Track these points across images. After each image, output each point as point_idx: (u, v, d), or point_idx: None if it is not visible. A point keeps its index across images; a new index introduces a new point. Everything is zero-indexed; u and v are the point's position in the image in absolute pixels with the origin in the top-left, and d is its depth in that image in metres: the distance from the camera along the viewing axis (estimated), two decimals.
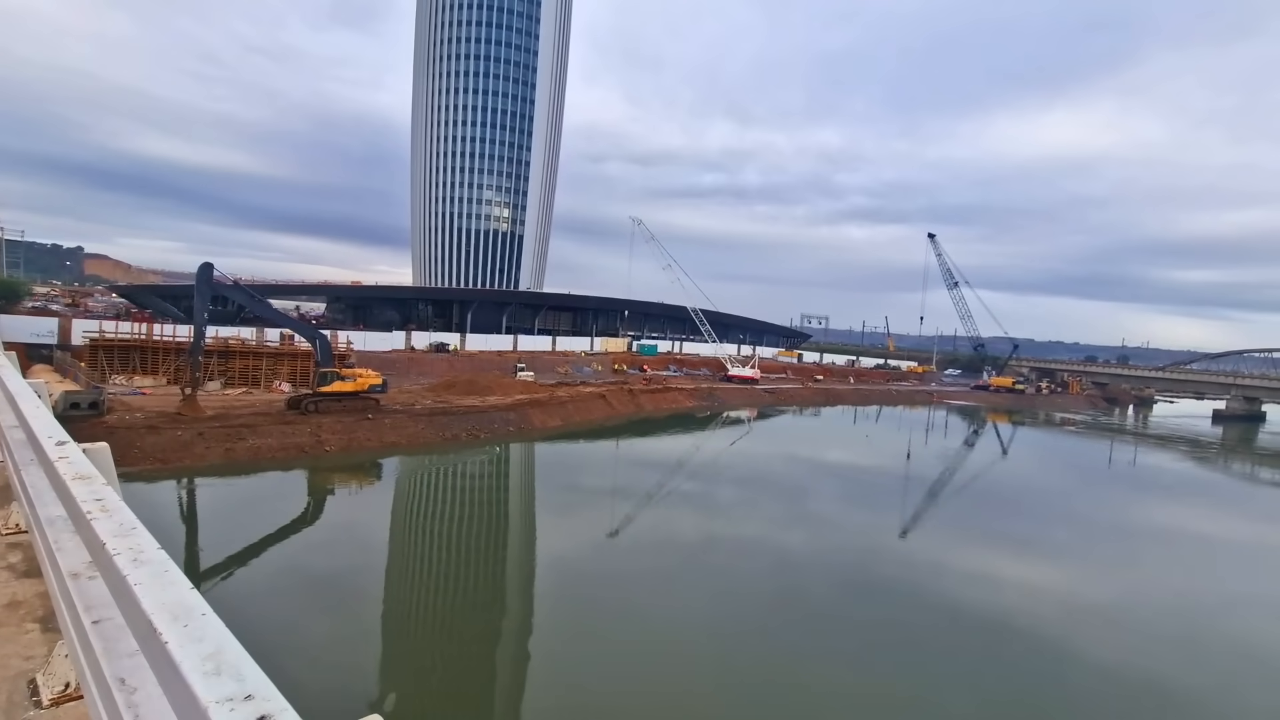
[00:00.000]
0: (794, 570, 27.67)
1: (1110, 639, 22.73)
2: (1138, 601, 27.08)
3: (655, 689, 17.83)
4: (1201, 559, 34.66)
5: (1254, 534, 41.34)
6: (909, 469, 53.55)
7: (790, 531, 33.19)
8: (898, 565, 29.40)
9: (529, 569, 27.29)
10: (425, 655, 19.99)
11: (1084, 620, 24.15)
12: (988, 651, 21.26)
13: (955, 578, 27.98)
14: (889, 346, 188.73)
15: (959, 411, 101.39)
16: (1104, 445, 77.93)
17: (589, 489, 40.09)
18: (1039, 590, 27.04)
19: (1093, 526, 39.51)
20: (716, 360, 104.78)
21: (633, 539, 30.69)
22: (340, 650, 18.84)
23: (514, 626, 21.92)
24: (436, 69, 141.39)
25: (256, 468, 36.65)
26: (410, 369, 70.05)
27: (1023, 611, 24.43)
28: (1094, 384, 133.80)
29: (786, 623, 22.44)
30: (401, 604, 23.27)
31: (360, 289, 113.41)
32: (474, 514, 34.83)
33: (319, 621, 20.42)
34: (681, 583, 25.50)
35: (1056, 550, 33.39)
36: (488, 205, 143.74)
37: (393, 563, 27.34)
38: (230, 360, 55.65)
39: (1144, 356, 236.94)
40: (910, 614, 23.63)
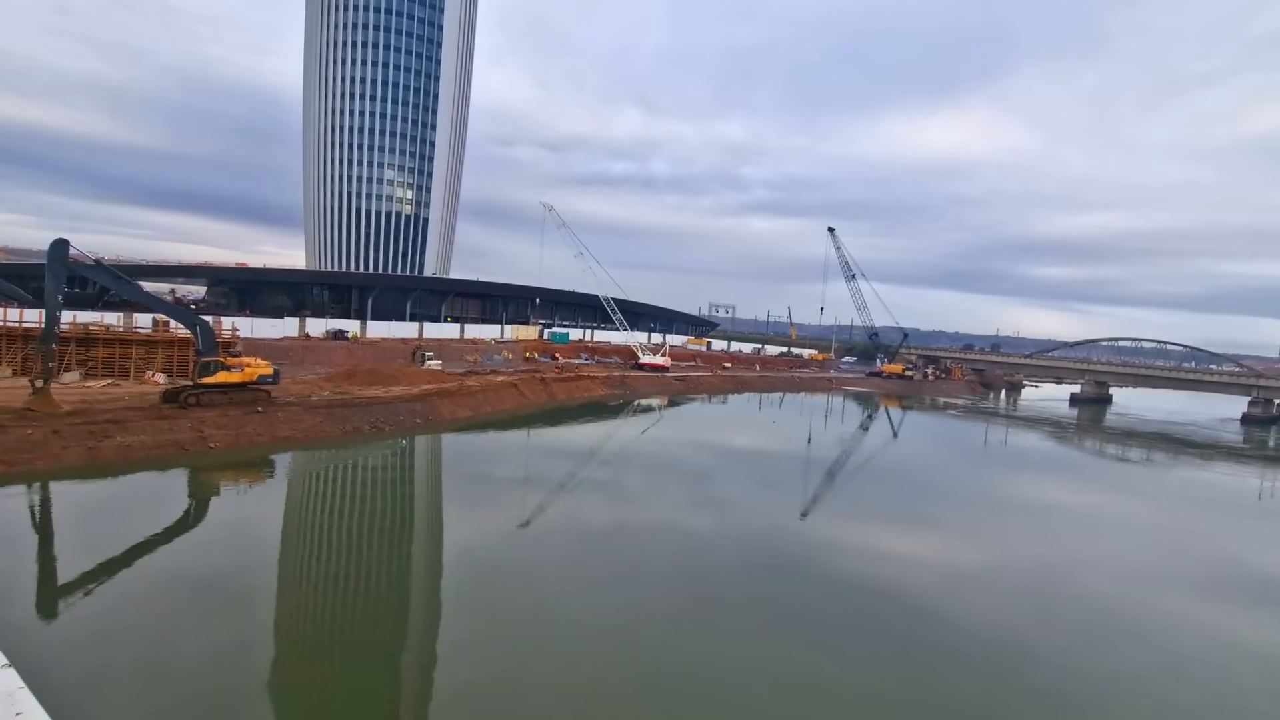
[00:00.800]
0: (701, 553, 28.47)
1: (978, 601, 25.22)
2: (1002, 567, 30.13)
3: (565, 678, 17.76)
4: (1057, 527, 38.54)
5: (1100, 503, 46.41)
6: (811, 453, 56.13)
7: (699, 516, 34.01)
8: (797, 544, 31.09)
9: (436, 565, 26.46)
10: (323, 661, 18.79)
11: (957, 586, 26.70)
12: (875, 620, 22.90)
13: (847, 553, 30.08)
14: (791, 335, 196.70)
15: (856, 397, 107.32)
16: (981, 427, 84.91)
17: (500, 480, 39.21)
18: (920, 561, 29.50)
19: (969, 501, 43.47)
20: (628, 348, 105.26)
21: (544, 529, 30.45)
22: (226, 663, 17.33)
23: (420, 623, 21.21)
24: (332, 38, 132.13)
25: (127, 468, 33.10)
26: (305, 358, 65.78)
27: (905, 581, 26.62)
28: (973, 370, 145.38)
29: (693, 604, 23.04)
30: (297, 609, 21.78)
31: (247, 271, 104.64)
32: (378, 511, 33.03)
33: (201, 633, 18.72)
34: (592, 570, 25.65)
35: (937, 524, 36.45)
36: (389, 185, 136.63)
37: (288, 566, 25.55)
38: (92, 348, 49.98)
39: (1014, 345, 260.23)
40: (805, 589, 25.30)
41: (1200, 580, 30.37)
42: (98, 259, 41.15)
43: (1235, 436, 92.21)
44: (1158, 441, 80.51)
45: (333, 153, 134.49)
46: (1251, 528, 42.36)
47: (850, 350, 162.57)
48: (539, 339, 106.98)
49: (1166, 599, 27.65)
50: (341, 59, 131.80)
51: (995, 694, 18.99)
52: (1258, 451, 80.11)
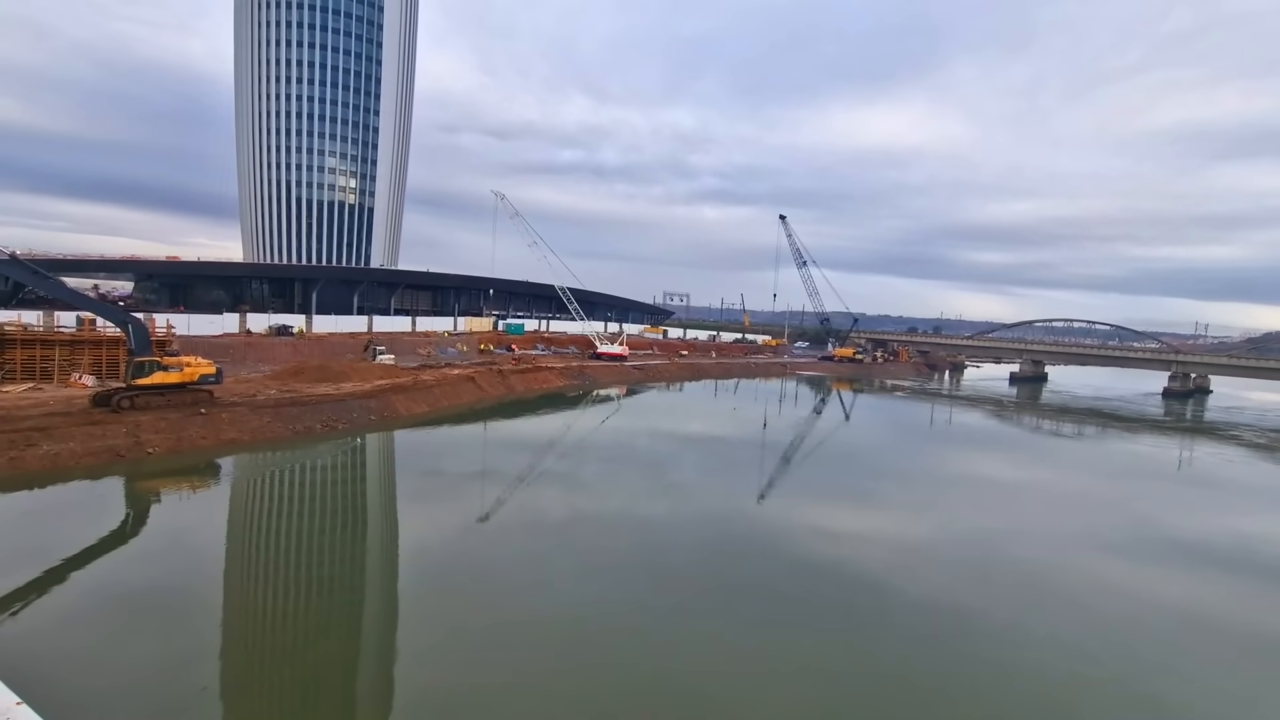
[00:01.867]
0: (661, 541, 28.94)
1: (924, 573, 26.55)
2: (946, 539, 31.66)
3: (526, 675, 17.63)
4: (997, 499, 40.69)
5: (1036, 476, 48.85)
6: (767, 438, 56.92)
7: (659, 504, 34.40)
8: (754, 527, 32.09)
9: (393, 565, 25.90)
10: (276, 671, 18.09)
11: (904, 559, 28.28)
12: (828, 596, 23.91)
13: (802, 533, 31.15)
14: (745, 322, 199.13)
15: (809, 381, 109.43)
16: (927, 407, 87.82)
17: (459, 476, 38.30)
18: (870, 537, 30.92)
19: (916, 479, 45.30)
20: (585, 338, 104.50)
21: (503, 523, 30.13)
22: (169, 678, 16.41)
23: (377, 626, 20.84)
24: (264, 17, 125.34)
25: (55, 478, 30.87)
26: (247, 355, 62.84)
27: (856, 557, 27.82)
28: (919, 352, 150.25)
29: (653, 592, 23.44)
30: (246, 618, 20.72)
31: (178, 265, 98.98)
32: (332, 512, 31.72)
33: (141, 648, 17.71)
34: (552, 564, 25.62)
35: (886, 502, 38.18)
36: (331, 174, 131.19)
37: (237, 574, 24.42)
38: (8, 350, 46.36)
39: (954, 327, 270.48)
40: (762, 570, 26.20)
41: (1126, 544, 32.40)
42: (11, 253, 38.03)
43: (1157, 410, 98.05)
44: (1089, 416, 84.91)
45: (269, 139, 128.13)
46: (1172, 494, 45.42)
47: (803, 335, 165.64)
48: (493, 330, 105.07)
49: (1096, 563, 29.40)
50: (275, 40, 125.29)
51: (942, 661, 19.91)
52: (1176, 424, 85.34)
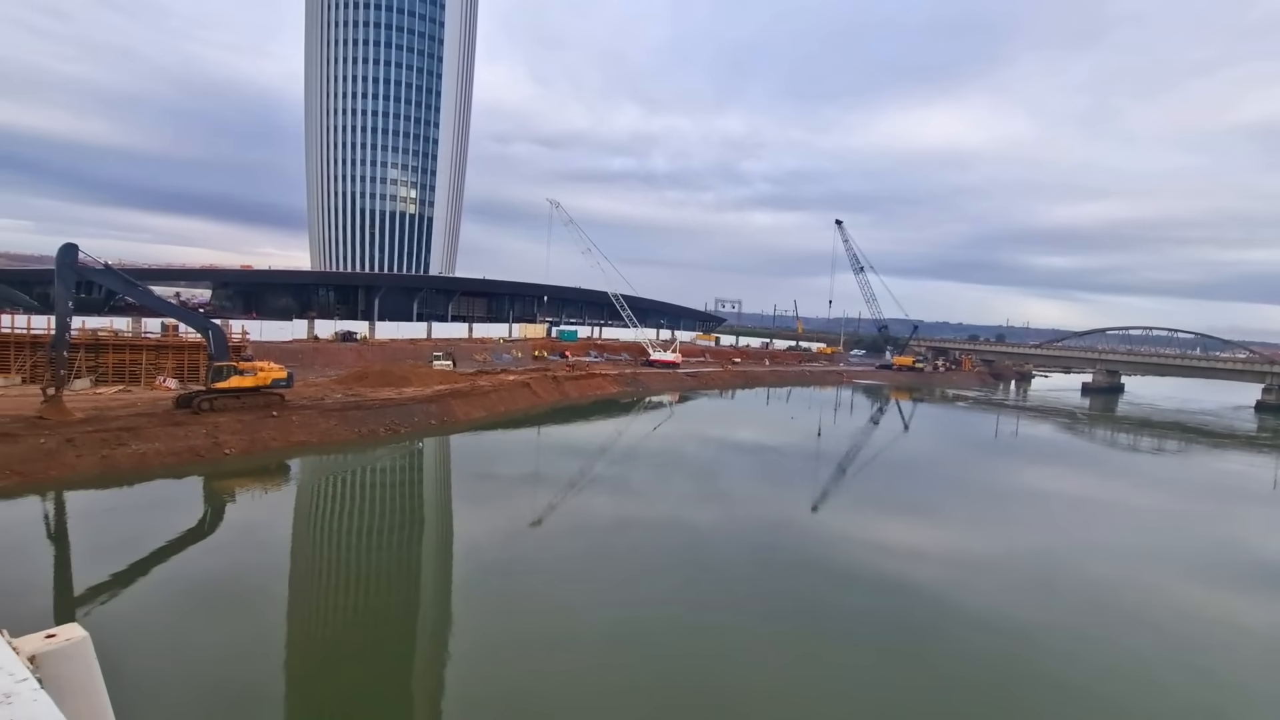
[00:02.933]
0: (713, 548, 28.32)
1: (987, 590, 25.27)
2: (1011, 556, 29.95)
3: (574, 676, 17.59)
4: (1068, 516, 38.11)
5: (1112, 492, 45.69)
6: (823, 447, 55.44)
7: (712, 511, 33.84)
8: (807, 537, 31.12)
9: (449, 564, 26.35)
10: (336, 660, 18.67)
11: (966, 576, 26.54)
12: (884, 610, 22.85)
13: (857, 545, 30.00)
14: (798, 329, 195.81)
15: (866, 390, 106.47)
16: (992, 418, 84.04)
17: (513, 480, 38.63)
18: (930, 552, 29.42)
19: (979, 492, 43.30)
20: (637, 345, 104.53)
21: (555, 527, 30.18)
22: (240, 665, 17.36)
23: (431, 621, 21.37)
24: (331, 35, 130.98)
25: (142, 476, 32.48)
26: (315, 360, 65.17)
27: (915, 572, 26.41)
28: (982, 361, 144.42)
29: (703, 599, 23.03)
30: (312, 611, 21.66)
31: (252, 274, 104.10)
32: (393, 512, 32.46)
33: (216, 636, 18.58)
34: (604, 568, 25.62)
35: (948, 516, 36.34)
36: (393, 185, 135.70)
37: (306, 570, 25.21)
38: (102, 354, 49.34)
39: (1019, 335, 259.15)
40: (814, 581, 25.31)
41: (1209, 567, 29.98)
42: (105, 263, 40.44)
43: (1250, 424, 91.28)
44: (1171, 431, 79.60)
45: (336, 153, 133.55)
46: (1267, 517, 41.84)
47: (859, 343, 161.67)
48: (547, 337, 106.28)
49: (1173, 585, 27.45)
50: (342, 58, 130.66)
51: (1004, 681, 18.90)
52: (1274, 440, 79.12)
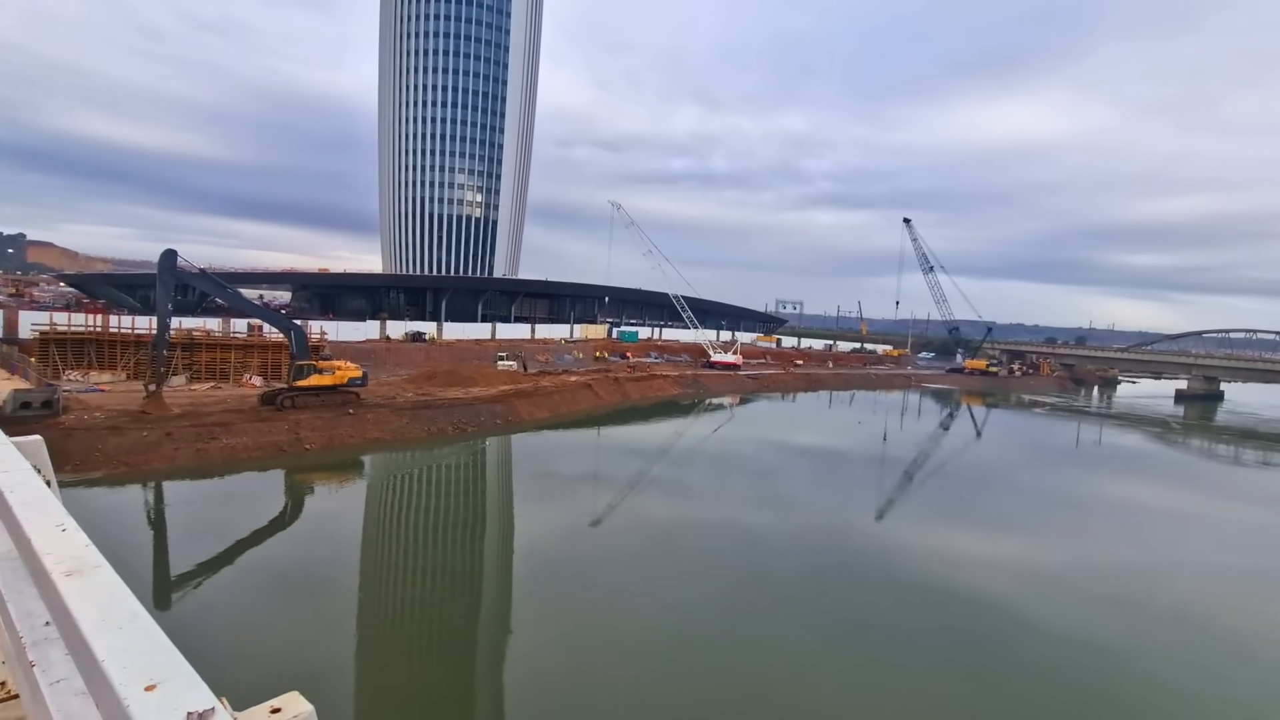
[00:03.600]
0: (773, 555, 27.67)
1: (1060, 605, 23.90)
2: (1090, 571, 28.12)
3: (630, 675, 17.79)
4: (1155, 530, 35.74)
5: (1206, 508, 42.26)
6: (889, 453, 53.46)
7: (772, 516, 33.16)
8: (871, 545, 30.08)
9: (510, 561, 26.85)
10: (400, 648, 19.64)
11: (1039, 589, 25.27)
12: (950, 623, 21.91)
13: (922, 555, 28.66)
14: (863, 331, 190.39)
15: (936, 395, 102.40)
16: (1073, 425, 79.18)
17: (575, 479, 38.93)
18: (1000, 564, 28.02)
19: (1057, 504, 40.61)
20: (698, 346, 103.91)
21: (615, 527, 30.30)
22: (314, 645, 18.44)
23: (492, 615, 21.97)
24: (404, 47, 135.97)
25: (231, 469, 34.38)
26: (387, 360, 67.57)
27: (984, 585, 25.24)
28: (1062, 365, 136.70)
29: (761, 605, 22.74)
30: (376, 599, 22.81)
31: (329, 277, 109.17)
32: (459, 509, 33.23)
33: (293, 619, 19.91)
34: (660, 569, 25.48)
35: (1022, 528, 34.55)
36: (460, 189, 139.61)
37: (376, 562, 26.28)
38: (195, 353, 52.61)
39: (1102, 338, 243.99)
40: (877, 590, 24.33)
41: None
42: (201, 268, 43.05)
43: None
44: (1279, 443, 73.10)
45: (406, 159, 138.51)
46: None
47: (927, 345, 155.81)
48: (608, 338, 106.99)
49: (1275, 608, 25.15)
50: (414, 68, 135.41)
51: (1081, 701, 17.69)
52: None
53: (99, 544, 3.11)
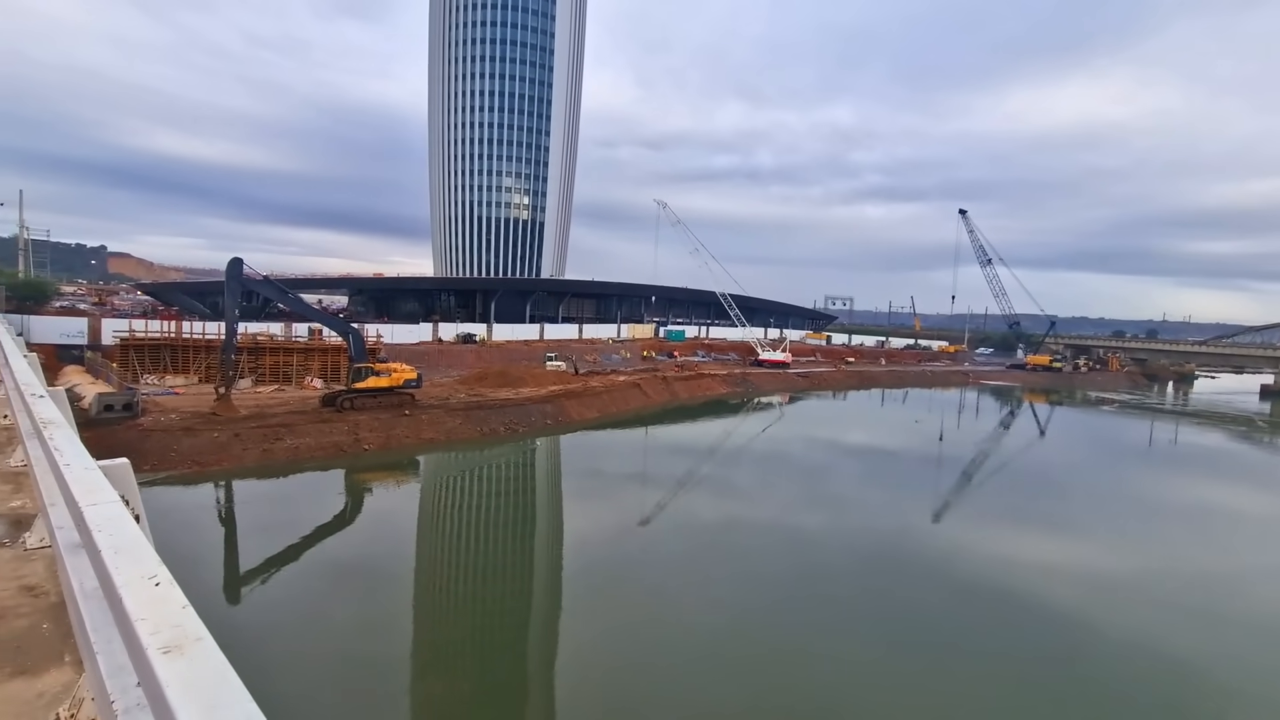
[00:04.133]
0: (824, 556, 27.29)
1: (1131, 615, 22.56)
2: (1161, 577, 26.84)
3: (680, 674, 17.75)
4: (1238, 535, 33.56)
5: None
6: (947, 452, 51.56)
7: (823, 517, 32.71)
8: (926, 548, 29.02)
9: (559, 559, 27.14)
10: (453, 641, 20.29)
11: (1107, 597, 23.87)
12: (1011, 632, 21.07)
13: (984, 560, 27.72)
14: (915, 326, 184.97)
15: (996, 392, 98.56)
16: (1145, 424, 74.85)
17: (625, 478, 38.96)
18: (1065, 570, 26.62)
19: (1127, 506, 38.86)
20: (745, 344, 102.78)
21: (664, 526, 30.22)
22: (371, 637, 19.10)
23: (542, 613, 22.38)
24: (452, 54, 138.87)
25: (295, 468, 35.59)
26: (439, 361, 68.99)
27: (1048, 592, 24.02)
28: (1133, 360, 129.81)
29: (811, 606, 22.24)
30: (429, 594, 23.54)
31: (383, 281, 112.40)
32: (511, 507, 33.65)
33: (351, 612, 20.67)
34: (708, 569, 25.34)
35: (1088, 530, 32.87)
36: (508, 192, 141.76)
37: (430, 559, 27.00)
38: (260, 357, 54.79)
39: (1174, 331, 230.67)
40: (936, 597, 23.31)
41: None
42: (265, 275, 44.75)
43: None
44: None
45: (455, 164, 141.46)
46: None
47: (985, 341, 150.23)
48: (655, 337, 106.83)
49: None
50: (462, 74, 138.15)
51: (1155, 711, 16.98)
52: None
53: (177, 541, 3.17)
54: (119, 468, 4.39)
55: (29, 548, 5.16)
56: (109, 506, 3.13)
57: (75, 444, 4.33)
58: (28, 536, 5.29)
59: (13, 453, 7.35)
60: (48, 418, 5.00)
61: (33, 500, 5.70)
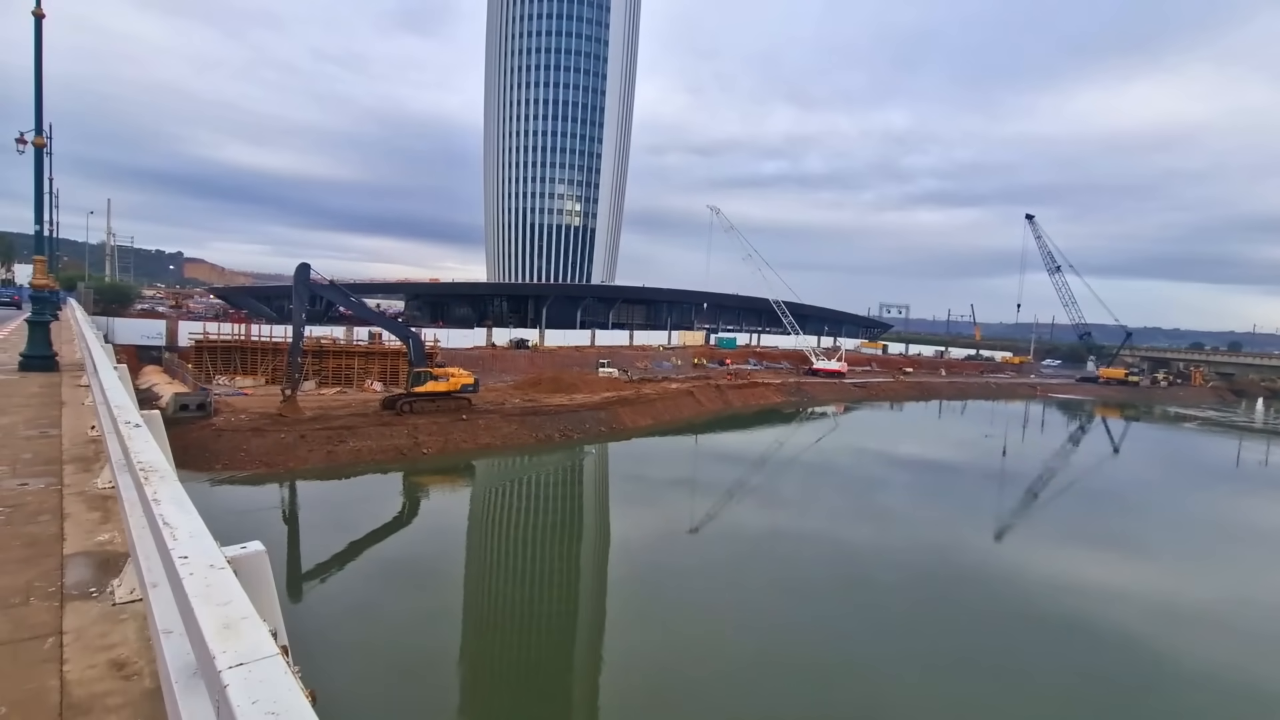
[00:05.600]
0: (883, 574, 25.85)
1: (1207, 643, 21.29)
2: (1242, 604, 24.74)
3: (722, 687, 17.43)
4: None
5: None
6: (1018, 468, 48.81)
7: (880, 532, 30.87)
8: (989, 571, 27.39)
9: (606, 564, 27.25)
10: (501, 642, 20.71)
11: (1183, 625, 22.63)
12: (1075, 658, 19.68)
13: (1048, 584, 25.86)
14: (976, 336, 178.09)
15: (1066, 406, 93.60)
16: (1232, 443, 69.47)
17: (677, 486, 38.48)
18: (1137, 596, 24.99)
19: (1207, 529, 36.52)
20: (798, 353, 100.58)
21: (714, 534, 29.70)
22: (423, 634, 19.58)
23: (588, 617, 22.50)
24: (509, 64, 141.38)
25: (357, 470, 36.07)
26: (493, 366, 69.59)
27: (1118, 617, 22.58)
28: (1218, 375, 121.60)
29: (862, 621, 21.63)
30: (480, 596, 23.75)
31: (439, 286, 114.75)
32: (570, 514, 33.49)
33: (407, 611, 21.01)
34: (759, 580, 24.87)
35: (1162, 554, 31.10)
36: (560, 200, 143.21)
37: (484, 562, 27.22)
38: (324, 360, 56.19)
39: (1262, 344, 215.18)
40: (994, 619, 22.40)
41: None
42: (330, 280, 45.81)
43: None
44: None
45: (510, 171, 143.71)
46: None
47: (1052, 352, 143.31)
48: (706, 344, 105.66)
49: None
50: (518, 84, 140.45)
51: None
52: None
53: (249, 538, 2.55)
54: (254, 560, 2.93)
55: (118, 601, 4.25)
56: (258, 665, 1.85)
57: (188, 512, 3.06)
58: (117, 586, 4.40)
59: (100, 471, 6.98)
60: (147, 462, 3.81)
61: (121, 535, 5.11)
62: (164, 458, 4.03)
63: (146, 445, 4.06)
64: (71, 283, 79.07)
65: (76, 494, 6.47)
